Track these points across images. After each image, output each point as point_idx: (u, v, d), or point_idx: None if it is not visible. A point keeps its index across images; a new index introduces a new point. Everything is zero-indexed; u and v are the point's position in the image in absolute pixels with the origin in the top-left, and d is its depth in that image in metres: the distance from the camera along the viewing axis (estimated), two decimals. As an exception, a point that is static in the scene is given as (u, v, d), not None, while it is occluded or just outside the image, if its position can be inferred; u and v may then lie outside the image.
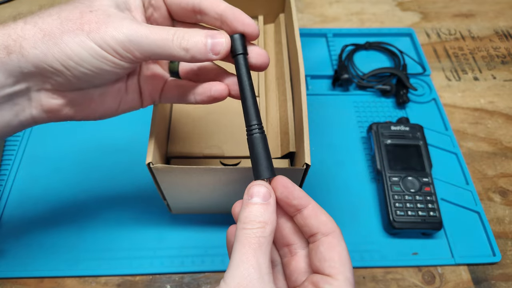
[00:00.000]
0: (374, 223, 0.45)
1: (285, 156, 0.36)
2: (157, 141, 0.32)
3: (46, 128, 0.51)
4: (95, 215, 0.44)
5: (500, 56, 0.62)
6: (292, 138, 0.35)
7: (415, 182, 0.44)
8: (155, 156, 0.32)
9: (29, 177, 0.47)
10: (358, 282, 0.41)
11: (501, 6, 0.70)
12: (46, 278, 0.40)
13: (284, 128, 0.38)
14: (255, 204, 0.24)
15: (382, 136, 0.48)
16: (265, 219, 0.24)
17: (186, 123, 0.39)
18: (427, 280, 0.41)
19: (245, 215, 0.24)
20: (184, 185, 0.34)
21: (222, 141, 0.38)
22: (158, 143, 0.33)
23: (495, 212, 0.46)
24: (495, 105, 0.56)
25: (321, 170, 0.49)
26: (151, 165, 0.30)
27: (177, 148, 0.38)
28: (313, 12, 0.68)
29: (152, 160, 0.30)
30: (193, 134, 0.38)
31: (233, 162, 0.36)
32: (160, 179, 0.33)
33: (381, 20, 0.66)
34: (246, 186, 0.29)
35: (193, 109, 0.40)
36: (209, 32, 0.26)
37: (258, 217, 0.24)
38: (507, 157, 0.51)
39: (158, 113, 0.33)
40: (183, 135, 0.38)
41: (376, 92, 0.56)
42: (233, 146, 0.37)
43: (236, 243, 0.24)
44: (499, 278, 0.42)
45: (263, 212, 0.24)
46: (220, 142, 0.38)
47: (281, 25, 0.46)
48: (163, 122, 0.37)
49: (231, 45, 0.26)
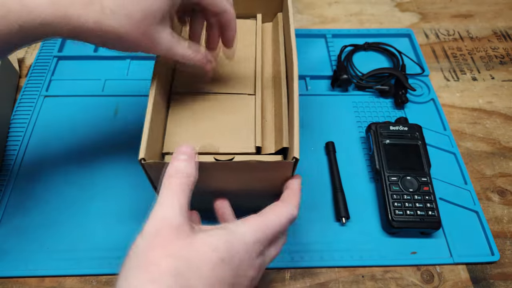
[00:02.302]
0: (373, 223, 0.45)
1: (279, 151, 0.37)
2: (151, 138, 0.33)
3: (49, 125, 0.51)
4: (96, 214, 0.44)
5: (498, 57, 0.63)
6: (286, 135, 0.36)
7: (413, 181, 0.45)
8: (149, 152, 0.32)
9: (30, 177, 0.47)
10: (357, 281, 0.41)
11: (499, 6, 0.70)
12: (47, 277, 0.41)
13: (279, 125, 0.38)
14: (180, 159, 0.29)
15: (381, 136, 0.48)
16: (187, 171, 0.29)
17: (182, 121, 0.39)
18: (426, 279, 0.42)
19: (172, 168, 0.29)
20: None
21: (217, 138, 0.38)
22: (153, 139, 0.34)
23: (493, 212, 0.47)
24: (493, 105, 0.57)
25: (321, 170, 0.49)
26: (143, 162, 0.31)
27: (172, 144, 0.38)
28: (312, 13, 0.68)
29: (144, 156, 0.31)
30: (188, 131, 0.39)
31: (227, 158, 0.36)
32: (154, 175, 0.33)
33: (380, 21, 0.67)
34: (239, 182, 0.33)
35: (190, 106, 0.41)
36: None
37: (182, 169, 0.29)
38: (505, 157, 0.51)
39: (152, 111, 0.34)
40: (178, 132, 0.39)
41: (375, 93, 0.56)
42: (228, 143, 0.38)
43: (162, 189, 0.28)
44: (498, 277, 0.42)
45: (187, 165, 0.29)
46: (215, 139, 0.38)
47: (279, 24, 0.47)
48: (159, 118, 0.37)
49: None
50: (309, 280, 0.41)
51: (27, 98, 0.54)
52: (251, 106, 0.41)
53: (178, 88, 0.42)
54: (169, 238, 0.25)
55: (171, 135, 0.38)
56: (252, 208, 0.31)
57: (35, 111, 0.52)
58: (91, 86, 0.55)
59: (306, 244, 0.43)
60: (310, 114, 0.54)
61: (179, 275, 0.24)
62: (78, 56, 0.59)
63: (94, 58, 0.59)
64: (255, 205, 0.33)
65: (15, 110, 0.53)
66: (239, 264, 0.26)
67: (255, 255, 0.28)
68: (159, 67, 0.37)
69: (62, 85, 0.56)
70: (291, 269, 0.42)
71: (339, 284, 0.41)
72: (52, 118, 0.52)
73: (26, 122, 0.51)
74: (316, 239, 0.44)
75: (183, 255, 0.25)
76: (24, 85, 0.55)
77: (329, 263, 0.42)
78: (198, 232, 0.27)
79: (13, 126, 0.51)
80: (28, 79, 0.56)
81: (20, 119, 0.52)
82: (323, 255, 0.43)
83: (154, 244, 0.25)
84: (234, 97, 0.41)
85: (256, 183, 0.36)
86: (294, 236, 0.44)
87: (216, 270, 0.25)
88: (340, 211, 0.45)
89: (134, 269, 0.24)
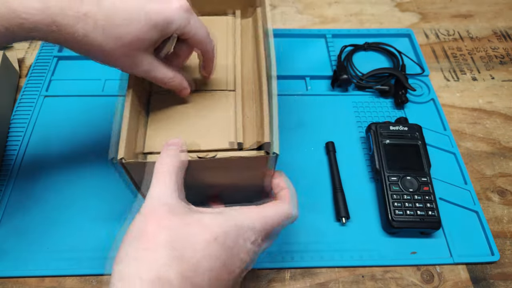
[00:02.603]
0: (373, 223, 0.45)
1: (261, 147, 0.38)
2: (129, 137, 0.33)
3: (49, 125, 0.51)
4: (96, 214, 0.44)
5: (498, 57, 0.63)
6: (267, 130, 0.36)
7: (413, 181, 0.45)
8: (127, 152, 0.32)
9: (30, 177, 0.47)
10: (357, 281, 0.41)
11: (499, 6, 0.70)
12: (47, 277, 0.41)
13: (260, 121, 0.38)
14: (171, 149, 0.31)
15: (381, 136, 0.48)
16: (177, 158, 0.31)
17: (163, 120, 0.40)
18: (426, 279, 0.42)
19: (162, 157, 0.31)
20: None
21: (199, 136, 0.39)
22: (131, 139, 0.34)
23: (493, 212, 0.47)
24: (493, 105, 0.57)
25: (321, 170, 0.49)
26: (123, 161, 0.31)
27: (154, 144, 0.38)
28: (312, 13, 0.68)
29: (124, 156, 0.31)
30: (170, 130, 0.39)
31: (209, 155, 0.36)
32: (135, 175, 0.34)
33: (380, 21, 0.67)
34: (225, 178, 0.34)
35: (170, 105, 0.41)
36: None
37: (173, 157, 0.31)
38: (505, 157, 0.51)
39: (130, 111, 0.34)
40: (160, 131, 0.39)
41: (375, 93, 0.56)
42: (210, 140, 0.38)
43: (155, 173, 0.30)
44: (498, 277, 0.42)
45: (177, 154, 0.31)
46: (196, 136, 0.38)
47: (259, 19, 0.47)
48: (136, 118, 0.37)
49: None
50: (309, 280, 0.41)
51: (27, 98, 0.54)
52: (232, 102, 0.41)
53: (158, 87, 0.42)
54: (165, 215, 0.27)
55: (152, 135, 0.39)
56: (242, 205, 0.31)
57: (35, 111, 0.52)
58: (91, 86, 0.55)
59: (306, 244, 0.43)
60: (310, 114, 0.54)
61: (174, 247, 0.25)
62: (78, 56, 0.58)
63: (94, 58, 0.59)
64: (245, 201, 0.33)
65: (15, 110, 0.53)
66: (232, 245, 0.27)
67: (249, 241, 0.29)
68: None
69: (62, 85, 0.56)
70: (291, 269, 0.42)
71: (339, 284, 0.41)
72: (52, 118, 0.52)
73: (26, 122, 0.51)
74: (316, 239, 0.44)
75: (177, 230, 0.26)
76: (24, 85, 0.55)
77: (329, 263, 0.42)
78: (194, 212, 0.28)
79: (13, 126, 0.51)
80: (28, 79, 0.56)
81: (20, 119, 0.52)
82: (323, 255, 0.43)
83: (150, 220, 0.27)
84: (215, 93, 0.42)
85: (241, 178, 0.36)
86: (294, 236, 0.44)
87: (210, 247, 0.26)
88: (340, 211, 0.45)
89: (131, 242, 0.26)
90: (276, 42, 0.64)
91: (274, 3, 0.69)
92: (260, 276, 0.41)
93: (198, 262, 0.25)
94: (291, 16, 0.67)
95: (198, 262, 0.25)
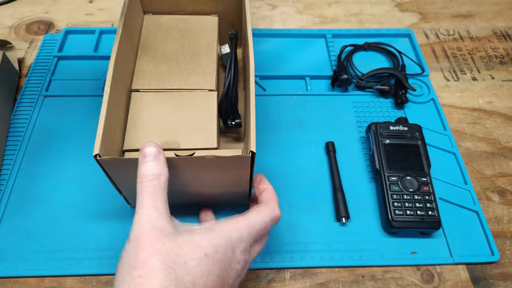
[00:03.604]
0: (373, 223, 0.45)
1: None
2: (107, 134, 0.33)
3: (49, 125, 0.51)
4: (96, 214, 0.44)
5: (498, 57, 0.63)
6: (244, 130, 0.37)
7: (413, 181, 0.45)
8: (104, 149, 0.32)
9: (30, 177, 0.47)
10: (357, 281, 0.41)
11: (499, 6, 0.70)
12: (47, 277, 0.41)
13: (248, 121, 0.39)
14: (148, 161, 0.30)
15: (381, 136, 0.48)
16: (157, 172, 0.30)
17: (143, 118, 0.40)
18: (426, 279, 0.42)
19: (142, 172, 0.30)
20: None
21: (179, 134, 0.39)
22: (109, 135, 0.34)
23: (493, 212, 0.47)
24: (493, 105, 0.57)
25: (321, 170, 0.49)
26: (98, 158, 0.31)
27: (133, 141, 0.38)
28: (312, 13, 0.68)
29: (99, 152, 0.31)
30: (149, 128, 0.39)
31: (187, 153, 0.36)
32: (111, 172, 0.34)
33: (380, 21, 0.67)
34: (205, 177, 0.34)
35: (150, 103, 0.41)
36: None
37: (152, 171, 0.30)
38: (505, 157, 0.51)
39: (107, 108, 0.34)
40: (139, 129, 0.39)
41: (375, 93, 0.56)
42: (189, 139, 0.38)
43: (138, 195, 0.29)
44: (498, 277, 0.42)
45: (155, 167, 0.30)
46: (176, 135, 0.39)
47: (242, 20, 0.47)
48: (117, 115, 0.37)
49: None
50: (309, 280, 0.41)
51: (27, 98, 0.54)
52: (212, 102, 0.41)
53: (138, 85, 0.42)
54: (154, 239, 0.27)
55: (131, 132, 0.39)
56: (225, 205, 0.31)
57: (35, 111, 0.52)
58: (91, 86, 0.55)
59: (306, 244, 0.43)
60: (310, 114, 0.54)
61: (168, 270, 0.26)
62: (78, 56, 0.59)
63: (94, 58, 0.59)
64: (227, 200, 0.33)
65: (15, 110, 0.53)
66: (223, 258, 0.28)
67: (239, 252, 0.30)
68: (118, 65, 0.37)
69: (62, 85, 0.56)
70: (291, 269, 0.42)
71: (339, 284, 0.41)
72: (52, 118, 0.52)
73: (26, 122, 0.51)
74: (316, 239, 0.44)
75: (168, 253, 0.26)
76: (24, 85, 0.55)
77: (329, 263, 0.42)
78: (182, 231, 0.29)
79: (13, 126, 0.51)
80: (28, 79, 0.56)
81: (20, 119, 0.52)
82: (323, 255, 0.43)
83: (141, 247, 0.27)
84: (195, 93, 0.42)
85: (222, 178, 0.36)
86: (294, 236, 0.44)
87: (202, 264, 0.27)
88: (340, 211, 0.45)
89: (126, 271, 0.26)
90: (276, 42, 0.64)
91: (274, 3, 0.69)
92: (260, 276, 0.41)
93: (193, 280, 0.26)
94: (291, 16, 0.67)
95: (193, 280, 0.26)
